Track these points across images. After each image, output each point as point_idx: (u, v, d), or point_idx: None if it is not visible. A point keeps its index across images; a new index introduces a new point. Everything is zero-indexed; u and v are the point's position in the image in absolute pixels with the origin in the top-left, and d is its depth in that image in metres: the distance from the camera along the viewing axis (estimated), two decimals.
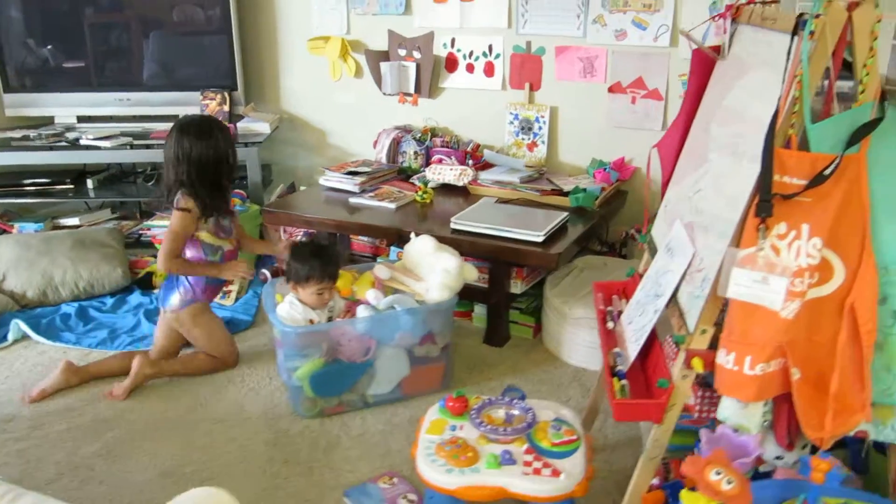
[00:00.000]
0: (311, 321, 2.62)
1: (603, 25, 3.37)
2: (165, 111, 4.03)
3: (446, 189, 3.52)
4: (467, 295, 3.16)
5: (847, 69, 1.53)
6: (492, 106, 3.70)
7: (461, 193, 3.47)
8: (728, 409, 1.63)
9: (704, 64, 2.07)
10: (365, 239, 3.53)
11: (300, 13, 3.99)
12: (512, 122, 3.67)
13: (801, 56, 1.45)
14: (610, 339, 2.11)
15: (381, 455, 2.45)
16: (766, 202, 1.51)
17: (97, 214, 4.05)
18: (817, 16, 1.44)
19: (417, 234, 2.82)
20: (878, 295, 1.52)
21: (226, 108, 3.95)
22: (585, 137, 3.57)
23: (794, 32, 1.53)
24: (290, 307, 2.62)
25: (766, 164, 1.50)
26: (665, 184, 2.20)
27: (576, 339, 2.95)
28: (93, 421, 2.64)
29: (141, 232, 3.95)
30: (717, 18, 2.01)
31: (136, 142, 3.82)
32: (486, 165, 3.63)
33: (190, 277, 2.86)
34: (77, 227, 3.92)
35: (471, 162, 3.59)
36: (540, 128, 3.62)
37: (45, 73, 4.07)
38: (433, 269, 2.70)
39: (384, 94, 3.88)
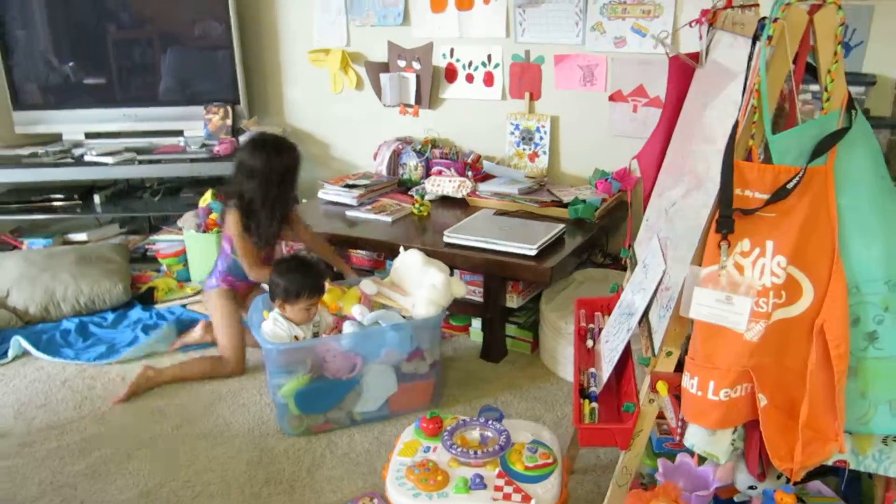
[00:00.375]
0: (296, 338, 2.57)
1: (602, 33, 3.28)
2: (170, 126, 4.06)
3: (445, 201, 3.46)
4: (464, 309, 3.11)
5: (813, 74, 1.43)
6: (492, 116, 3.64)
7: (460, 206, 3.40)
8: (695, 437, 1.54)
9: (683, 71, 1.98)
10: (363, 253, 3.47)
11: (301, 26, 3.97)
12: (513, 133, 3.60)
13: (760, 63, 1.35)
14: (588, 358, 2.02)
15: (365, 475, 2.38)
16: (726, 217, 1.42)
17: (105, 230, 4.07)
18: (775, 20, 1.34)
19: (406, 248, 2.76)
20: (850, 316, 1.42)
21: (229, 121, 3.95)
22: (587, 147, 3.47)
23: (757, 38, 1.43)
24: (274, 324, 2.57)
25: (726, 177, 1.41)
26: (647, 196, 2.11)
27: (572, 354, 2.85)
28: (82, 439, 2.61)
29: (147, 247, 3.95)
30: (692, 24, 1.91)
31: (140, 157, 3.82)
32: (487, 177, 3.55)
33: (220, 267, 2.98)
34: (85, 242, 3.94)
35: (470, 173, 3.52)
36: (541, 138, 3.54)
37: (53, 91, 4.10)
38: (420, 284, 2.64)
39: (385, 105, 3.84)
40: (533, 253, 2.80)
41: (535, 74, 3.49)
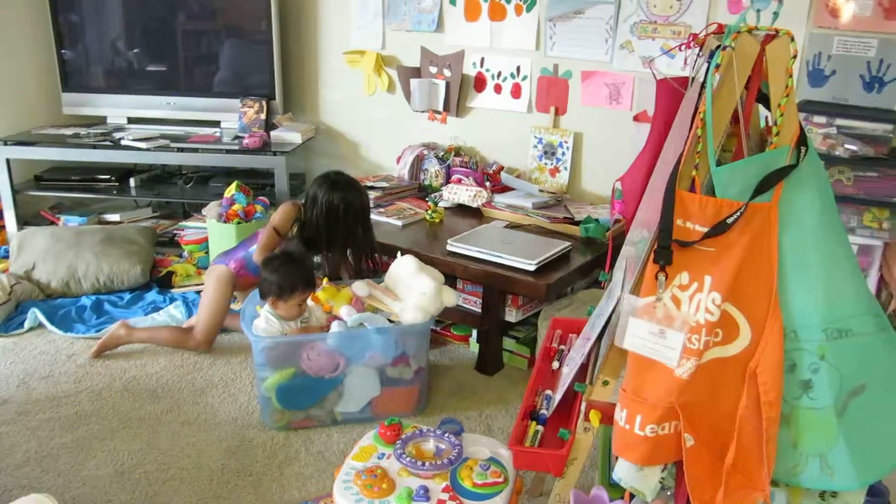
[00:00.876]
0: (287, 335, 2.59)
1: (630, 51, 3.22)
2: (206, 116, 4.16)
3: (461, 210, 3.45)
4: (462, 319, 3.09)
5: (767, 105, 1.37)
6: (517, 128, 3.62)
7: (475, 215, 3.39)
8: (622, 471, 1.49)
9: (671, 96, 1.91)
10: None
11: (340, 26, 4.01)
12: (536, 146, 3.56)
13: (706, 92, 1.30)
14: (551, 379, 1.98)
15: (333, 475, 2.38)
16: (664, 248, 1.37)
17: (138, 212, 4.19)
18: (724, 48, 1.29)
19: (402, 254, 2.76)
20: (786, 361, 1.35)
21: (262, 116, 4.01)
22: (609, 165, 3.40)
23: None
24: (266, 322, 2.59)
25: (667, 207, 1.37)
26: (629, 220, 2.05)
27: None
28: (74, 413, 2.68)
29: (175, 232, 4.04)
30: (681, 48, 1.85)
31: (173, 144, 3.91)
32: (507, 188, 3.53)
33: (241, 252, 3.07)
34: (118, 223, 4.06)
35: (489, 184, 3.50)
36: (563, 153, 3.49)
37: (101, 75, 4.25)
38: (411, 290, 2.63)
39: (413, 110, 3.86)
40: (531, 268, 2.76)
41: (562, 89, 3.45)
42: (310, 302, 2.69)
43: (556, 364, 2.02)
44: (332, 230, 2.93)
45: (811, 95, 2.89)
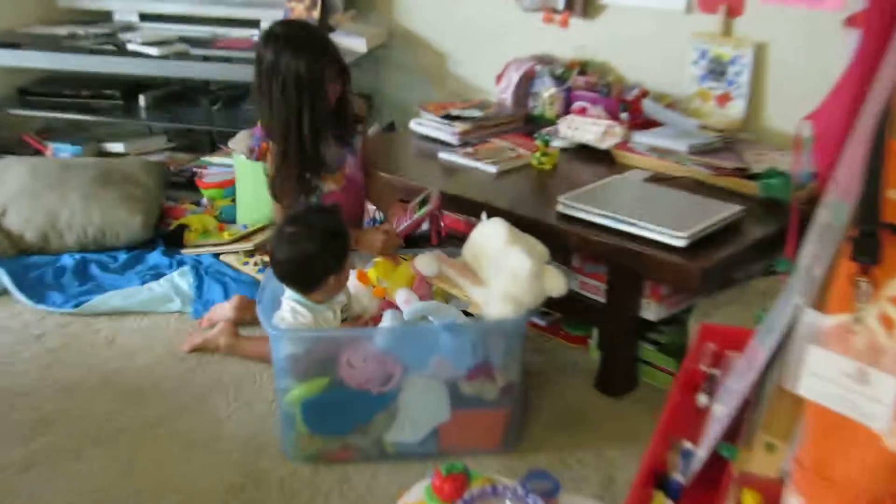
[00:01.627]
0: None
1: None
2: (241, 13, 4.16)
3: (584, 152, 3.31)
4: (578, 313, 2.97)
5: None
6: (670, 36, 3.46)
7: (603, 161, 3.25)
8: None
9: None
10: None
11: None
12: (697, 62, 3.38)
13: None
14: (691, 422, 1.75)
15: None
16: (869, 237, 1.14)
17: (150, 142, 4.24)
18: None
19: (489, 216, 2.60)
20: None
21: (315, 13, 3.96)
22: (808, 92, 3.08)
23: None
24: (293, 316, 2.47)
25: (873, 170, 1.13)
26: (823, 179, 1.80)
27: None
28: (34, 419, 2.65)
29: (194, 170, 4.03)
30: None
31: (194, 51, 3.88)
32: (651, 123, 3.34)
33: None
34: (121, 155, 4.07)
35: (626, 116, 3.34)
36: (738, 73, 3.30)
37: None
38: (500, 271, 2.45)
39: (523, 9, 3.75)
40: (681, 244, 2.55)
41: None
42: (352, 284, 2.59)
43: (702, 398, 1.78)
44: (270, 110, 2.74)
45: None
